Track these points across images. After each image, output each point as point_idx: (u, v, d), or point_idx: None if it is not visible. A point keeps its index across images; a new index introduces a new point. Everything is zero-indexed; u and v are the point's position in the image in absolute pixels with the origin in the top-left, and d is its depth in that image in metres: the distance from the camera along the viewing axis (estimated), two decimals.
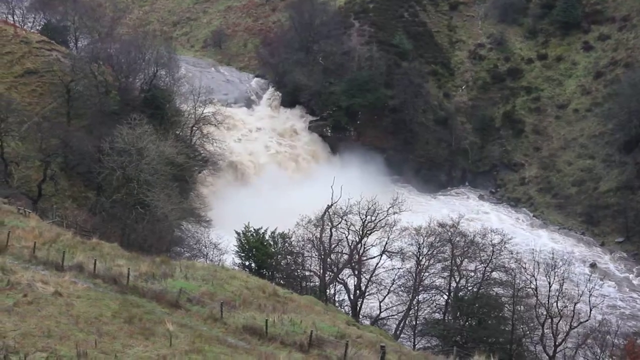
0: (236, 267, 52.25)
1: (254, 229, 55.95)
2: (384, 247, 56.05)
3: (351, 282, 56.41)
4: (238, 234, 55.77)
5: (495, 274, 55.62)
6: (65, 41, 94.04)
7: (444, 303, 55.61)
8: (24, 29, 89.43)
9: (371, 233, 56.43)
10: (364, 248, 56.60)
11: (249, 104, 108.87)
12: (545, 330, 52.44)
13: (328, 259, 56.19)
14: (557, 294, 52.82)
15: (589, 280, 56.91)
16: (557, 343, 51.54)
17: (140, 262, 39.18)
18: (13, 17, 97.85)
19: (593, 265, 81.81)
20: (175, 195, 63.58)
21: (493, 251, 55.23)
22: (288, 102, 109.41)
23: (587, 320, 52.69)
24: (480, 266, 55.47)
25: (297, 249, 57.62)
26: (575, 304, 52.93)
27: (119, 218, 58.79)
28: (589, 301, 52.78)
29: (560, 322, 52.51)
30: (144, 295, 32.75)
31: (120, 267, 36.31)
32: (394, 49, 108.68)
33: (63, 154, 68.08)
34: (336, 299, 56.78)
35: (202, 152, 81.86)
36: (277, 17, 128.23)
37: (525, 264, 56.85)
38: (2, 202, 50.04)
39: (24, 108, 71.71)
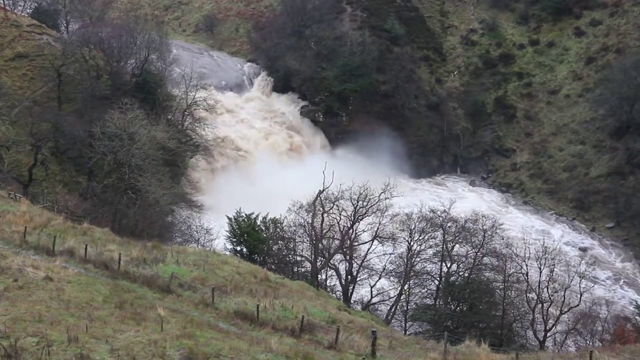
0: (228, 253, 52.19)
1: (246, 214, 55.94)
2: (376, 233, 56.05)
3: (342, 268, 56.43)
4: (230, 219, 55.73)
5: (486, 259, 55.72)
6: (56, 25, 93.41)
7: (435, 288, 55.71)
8: (14, 12, 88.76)
9: (363, 218, 56.41)
10: (356, 233, 56.57)
11: (240, 89, 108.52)
12: (536, 315, 52.59)
13: (319, 245, 56.13)
14: (547, 279, 52.97)
15: (579, 265, 57.11)
16: (547, 328, 51.75)
17: (131, 247, 39.04)
18: (3, 1, 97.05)
19: (583, 250, 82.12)
20: (167, 180, 63.35)
21: (484, 236, 55.30)
22: (280, 87, 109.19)
23: (577, 306, 52.89)
24: (471, 251, 55.55)
25: (289, 234, 57.61)
26: (566, 289, 53.07)
27: (110, 203, 58.61)
28: (579, 286, 52.93)
29: (551, 307, 52.72)
30: (135, 281, 32.64)
31: (112, 252, 36.18)
32: (386, 34, 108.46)
33: (54, 139, 67.77)
34: (328, 285, 56.82)
35: (193, 137, 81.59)
36: (269, 1, 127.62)
37: (516, 249, 56.93)
38: None
39: (15, 92, 71.40)
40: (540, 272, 53.14)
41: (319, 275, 55.78)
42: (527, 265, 53.54)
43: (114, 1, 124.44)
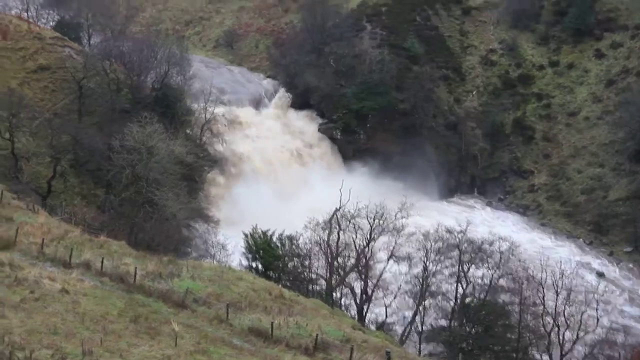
0: (243, 269, 52.21)
1: (262, 231, 55.94)
2: (391, 252, 55.99)
3: (358, 286, 56.33)
4: (245, 235, 55.77)
5: (502, 282, 55.49)
6: (79, 38, 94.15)
7: (450, 309, 55.46)
8: (37, 24, 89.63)
9: (379, 237, 56.32)
10: (371, 252, 56.49)
11: (259, 104, 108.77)
12: (552, 340, 52.22)
13: (335, 263, 56.13)
14: (564, 302, 52.63)
15: (596, 289, 56.73)
16: (563, 352, 51.38)
17: (147, 261, 39.21)
18: (27, 13, 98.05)
19: (601, 275, 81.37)
20: (184, 195, 63.59)
21: (501, 258, 55.09)
22: (298, 103, 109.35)
23: (594, 330, 52.50)
24: (487, 273, 55.32)
25: (304, 251, 57.56)
26: (583, 313, 52.71)
27: (127, 216, 58.80)
28: (597, 311, 52.56)
29: (567, 331, 52.35)
30: (151, 295, 32.76)
31: (128, 266, 36.35)
32: (406, 53, 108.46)
33: (73, 151, 68.25)
34: (342, 303, 56.71)
35: (211, 152, 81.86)
36: (290, 18, 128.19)
37: (533, 271, 56.63)
38: (11, 198, 50.11)
39: (36, 104, 71.89)
40: (557, 296, 52.82)
41: (334, 294, 55.71)
42: (543, 288, 53.21)
43: (135, 15, 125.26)
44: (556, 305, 52.41)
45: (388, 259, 56.17)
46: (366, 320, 54.57)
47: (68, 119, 71.63)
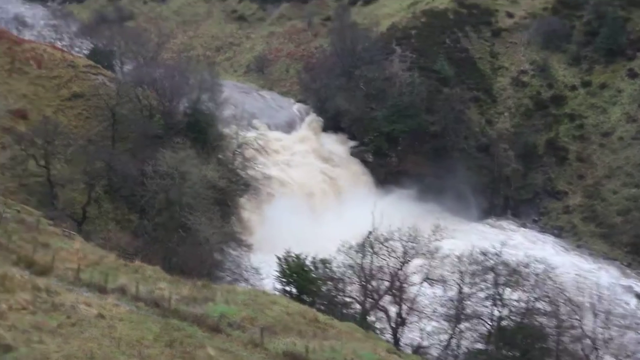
0: (277, 293, 52.10)
1: (295, 255, 55.75)
2: (426, 275, 55.55)
3: (392, 310, 55.90)
4: (279, 259, 55.62)
5: (539, 304, 54.78)
6: (111, 65, 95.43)
7: (486, 332, 54.85)
8: (71, 53, 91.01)
9: (412, 260, 55.94)
10: (405, 275, 56.09)
11: (290, 128, 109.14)
12: None
13: (369, 286, 55.79)
14: (602, 325, 51.82)
15: (636, 311, 55.86)
16: None
17: (181, 286, 39.26)
18: (61, 42, 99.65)
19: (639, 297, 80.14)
20: (217, 219, 63.79)
21: (537, 280, 54.45)
22: (329, 127, 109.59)
23: (634, 354, 51.60)
24: (523, 296, 54.70)
25: (338, 275, 57.26)
26: (622, 336, 51.86)
27: (161, 241, 59.15)
28: (637, 333, 51.70)
29: (607, 354, 51.50)
30: (185, 319, 32.75)
31: (162, 290, 36.41)
32: (436, 75, 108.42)
33: (107, 177, 68.88)
34: (377, 326, 56.26)
35: (243, 176, 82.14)
36: (319, 42, 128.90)
37: (570, 294, 55.89)
38: (47, 224, 50.61)
39: (70, 131, 72.80)
40: (595, 318, 52.05)
41: (368, 317, 55.34)
42: (581, 310, 52.47)
43: (167, 42, 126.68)
44: (594, 328, 51.61)
45: (422, 282, 55.73)
46: (401, 344, 54.10)
47: (102, 146, 72.39)
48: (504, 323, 54.66)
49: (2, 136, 68.16)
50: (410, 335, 56.79)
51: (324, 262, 56.86)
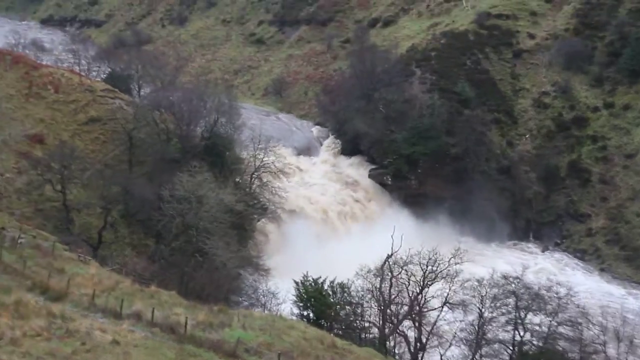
0: (294, 317, 52.04)
1: (313, 279, 55.73)
2: (446, 299, 55.28)
3: (411, 334, 55.66)
4: (296, 283, 55.61)
5: (561, 329, 54.32)
6: (129, 89, 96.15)
7: (508, 358, 54.43)
8: (88, 77, 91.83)
9: (432, 284, 55.71)
10: (425, 299, 55.86)
11: (308, 151, 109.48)
12: None
13: (388, 310, 55.62)
14: (627, 350, 51.29)
15: None
16: None
17: (198, 311, 39.32)
18: (79, 66, 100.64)
19: None
20: (234, 244, 63.92)
21: (559, 304, 54.03)
22: (348, 150, 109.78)
23: None
24: (545, 320, 54.28)
25: (356, 299, 57.13)
26: None
27: (177, 266, 59.25)
28: None
29: None
30: (202, 345, 32.76)
31: (178, 316, 36.48)
32: (456, 97, 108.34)
33: (124, 201, 69.19)
34: (396, 352, 56.03)
35: (261, 199, 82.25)
36: (338, 65, 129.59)
37: (593, 318, 55.38)
38: (63, 249, 50.93)
39: (87, 155, 73.37)
40: (619, 343, 51.52)
41: (387, 342, 55.11)
42: (604, 335, 51.95)
43: (185, 66, 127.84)
44: (618, 353, 51.09)
45: (442, 306, 55.45)
46: None
47: (118, 170, 72.87)
48: (525, 348, 54.29)
49: (19, 161, 68.83)
50: (432, 358, 56.49)
51: (342, 286, 56.78)
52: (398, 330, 55.57)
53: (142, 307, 36.82)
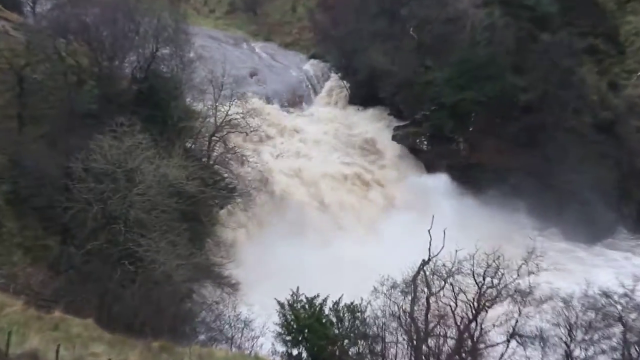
0: (278, 358, 52.00)
1: (307, 298, 55.64)
2: (514, 329, 55.31)
3: None
4: (281, 305, 55.51)
5: None
6: (18, 5, 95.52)
7: None
8: None
9: (492, 305, 55.69)
10: (482, 329, 55.88)
11: (299, 100, 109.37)
12: None
13: (424, 346, 55.62)
14: None
15: None
16: None
17: (127, 349, 39.23)
18: None
19: None
20: (184, 244, 63.70)
21: None
22: (360, 97, 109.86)
23: None
24: None
25: (375, 329, 57.12)
26: None
27: (95, 279, 59.02)
28: None
29: None
30: None
31: (97, 357, 36.33)
32: (528, 14, 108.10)
33: (11, 179, 68.73)
34: None
35: (225, 176, 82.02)
36: None
37: None
38: None
39: None
40: None
41: None
42: None
43: None
44: None
45: (508, 340, 55.49)
46: None
47: (2, 129, 72.36)
48: None
49: None
50: None
51: (352, 309, 56.69)
52: None
53: (41, 343, 36.68)
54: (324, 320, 54.96)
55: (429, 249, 56.87)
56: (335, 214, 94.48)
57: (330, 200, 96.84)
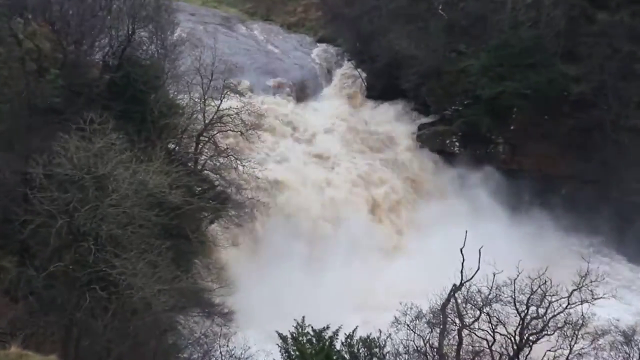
0: None
1: (314, 330, 55.85)
2: None
3: None
4: (283, 338, 55.73)
5: None
6: None
7: None
8: None
9: (538, 339, 55.85)
10: None
11: (305, 93, 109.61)
12: None
13: None
14: None
15: None
16: None
17: None
18: None
19: None
20: (167, 266, 63.87)
21: None
22: (379, 89, 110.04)
23: None
24: None
25: None
26: None
27: (60, 307, 59.26)
28: None
29: None
30: None
31: None
32: None
33: None
34: None
35: (216, 183, 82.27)
36: None
37: None
38: None
39: None
40: None
41: None
42: None
43: None
44: None
45: None
46: None
47: None
48: None
49: None
50: None
51: (368, 343, 56.86)
52: None
53: None
54: (334, 357, 55.20)
55: (462, 272, 57.05)
56: (347, 228, 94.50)
57: (340, 209, 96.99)
